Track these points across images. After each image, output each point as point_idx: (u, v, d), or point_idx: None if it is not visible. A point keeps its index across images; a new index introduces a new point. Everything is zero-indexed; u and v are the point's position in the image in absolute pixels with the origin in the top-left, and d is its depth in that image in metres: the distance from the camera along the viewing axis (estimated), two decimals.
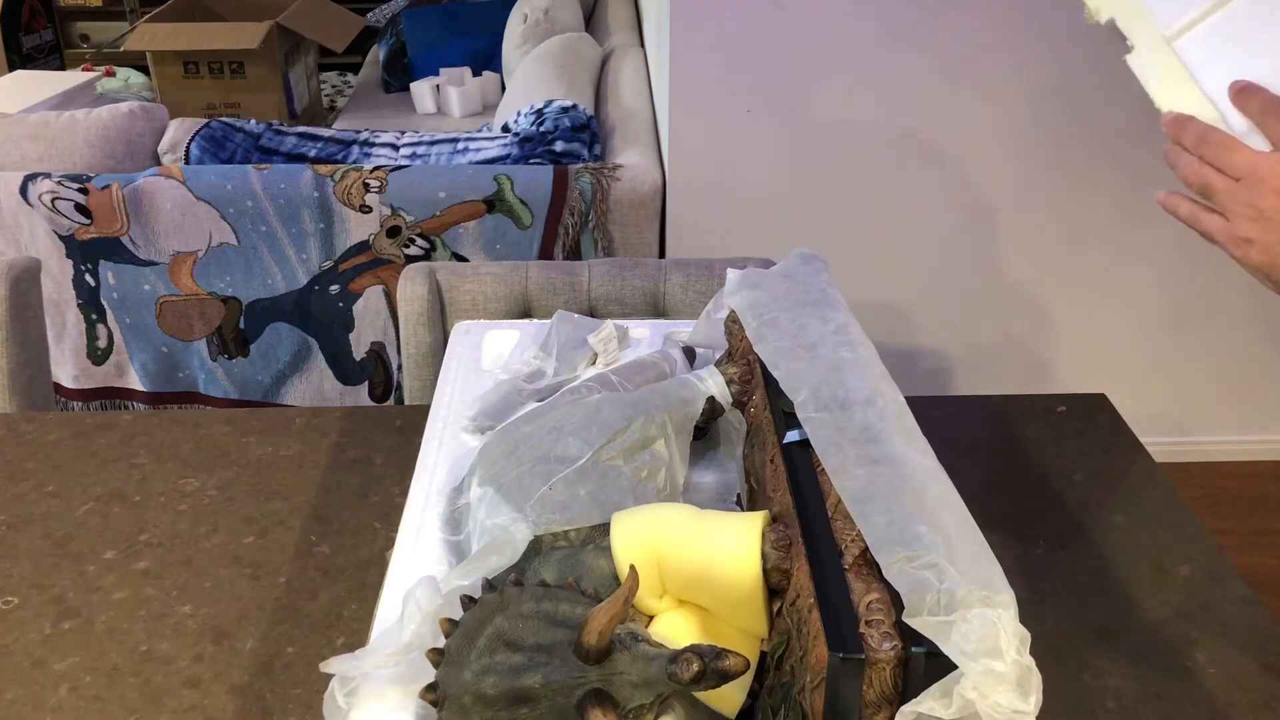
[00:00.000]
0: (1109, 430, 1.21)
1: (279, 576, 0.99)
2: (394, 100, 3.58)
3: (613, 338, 1.07)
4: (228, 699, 0.86)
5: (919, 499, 0.62)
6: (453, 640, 0.65)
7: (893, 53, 1.96)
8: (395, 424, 1.21)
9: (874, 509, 0.62)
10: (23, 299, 1.42)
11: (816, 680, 0.58)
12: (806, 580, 0.62)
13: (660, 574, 0.69)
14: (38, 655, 0.90)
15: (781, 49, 1.96)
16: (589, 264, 1.45)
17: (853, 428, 0.70)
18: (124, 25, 4.43)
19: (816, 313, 0.85)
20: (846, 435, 0.69)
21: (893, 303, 2.24)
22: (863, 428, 0.70)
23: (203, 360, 2.15)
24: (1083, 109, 2.00)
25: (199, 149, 2.17)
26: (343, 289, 2.09)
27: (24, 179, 1.97)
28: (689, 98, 2.01)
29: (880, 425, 0.70)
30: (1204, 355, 2.31)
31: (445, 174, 2.03)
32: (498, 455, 0.83)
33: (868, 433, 0.69)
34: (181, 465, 1.15)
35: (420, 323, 1.40)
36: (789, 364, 0.78)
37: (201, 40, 3.41)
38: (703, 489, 0.89)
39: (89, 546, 1.03)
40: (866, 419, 0.70)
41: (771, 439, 0.78)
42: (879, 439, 0.68)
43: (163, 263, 2.05)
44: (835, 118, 2.02)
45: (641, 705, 0.61)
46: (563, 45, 2.80)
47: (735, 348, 0.92)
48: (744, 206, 2.09)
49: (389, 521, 1.05)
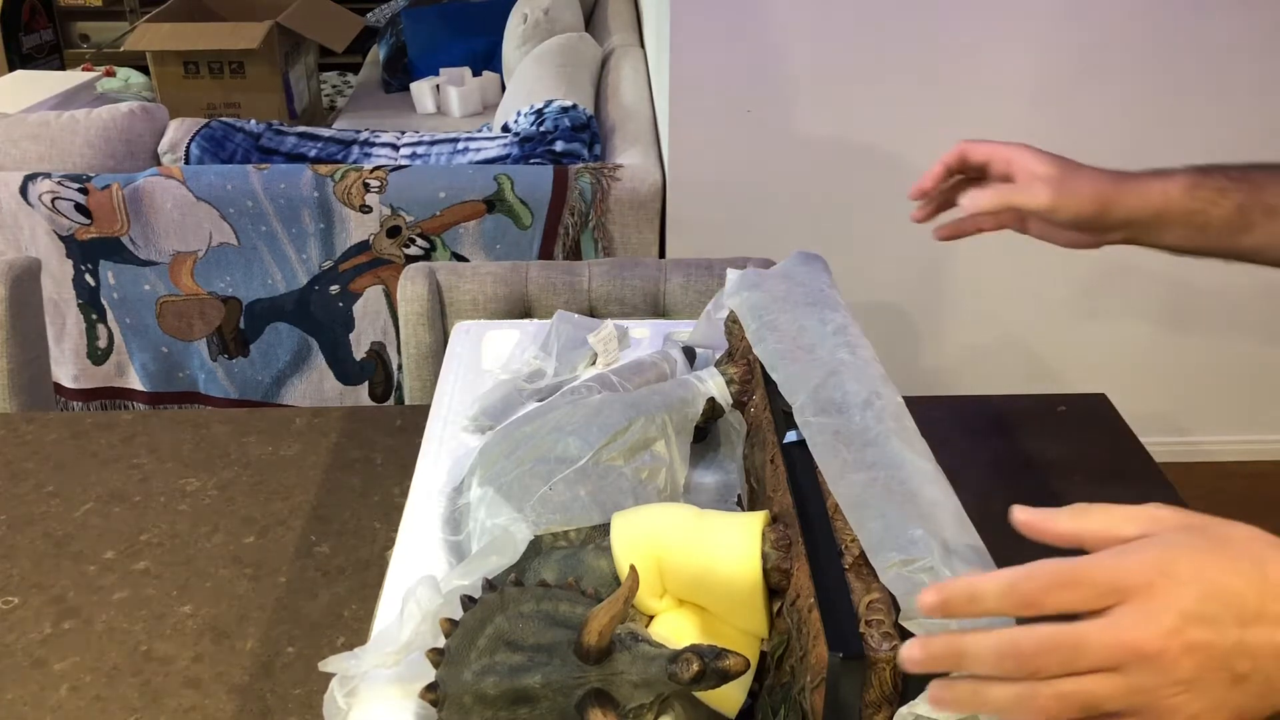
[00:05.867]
0: (1109, 430, 1.21)
1: (279, 576, 0.99)
2: (394, 100, 3.58)
3: (613, 338, 1.07)
4: (228, 699, 0.86)
5: (914, 502, 0.62)
6: (453, 640, 0.65)
7: (893, 53, 1.96)
8: (395, 424, 1.21)
9: (869, 515, 0.62)
10: (23, 299, 1.42)
11: (816, 680, 0.58)
12: (806, 580, 0.62)
13: (660, 574, 0.69)
14: (38, 655, 0.90)
15: (781, 49, 1.96)
16: (589, 264, 1.45)
17: (850, 432, 0.70)
18: (124, 25, 4.43)
19: (816, 314, 0.85)
20: (843, 440, 0.69)
21: (893, 303, 2.24)
22: (860, 431, 0.70)
23: (203, 360, 2.15)
24: (1081, 109, 2.00)
25: (199, 149, 2.16)
26: (343, 289, 2.09)
27: (24, 179, 1.97)
28: (689, 98, 2.01)
29: (877, 428, 0.70)
30: (1204, 355, 2.31)
31: (445, 174, 2.03)
32: (498, 455, 0.83)
33: (865, 436, 0.69)
34: (181, 465, 1.15)
35: (420, 323, 1.40)
36: (788, 367, 0.78)
37: (201, 40, 3.41)
38: (703, 489, 0.89)
39: (89, 546, 1.03)
40: (864, 422, 0.70)
41: (771, 439, 0.78)
42: (876, 442, 0.68)
43: (163, 263, 2.05)
44: (835, 118, 2.02)
45: (641, 705, 0.61)
46: (563, 45, 2.80)
47: (735, 347, 0.92)
48: (744, 206, 2.09)
49: (389, 521, 1.05)
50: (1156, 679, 0.48)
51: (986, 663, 0.50)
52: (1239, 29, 1.94)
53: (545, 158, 2.11)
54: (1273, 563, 0.50)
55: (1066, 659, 0.49)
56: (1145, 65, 1.97)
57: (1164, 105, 1.99)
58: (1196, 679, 0.48)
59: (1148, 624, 0.48)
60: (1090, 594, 0.50)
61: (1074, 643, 0.49)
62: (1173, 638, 0.48)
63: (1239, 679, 0.49)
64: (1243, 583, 0.49)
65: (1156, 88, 1.98)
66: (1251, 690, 0.49)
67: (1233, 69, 1.97)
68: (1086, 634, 0.49)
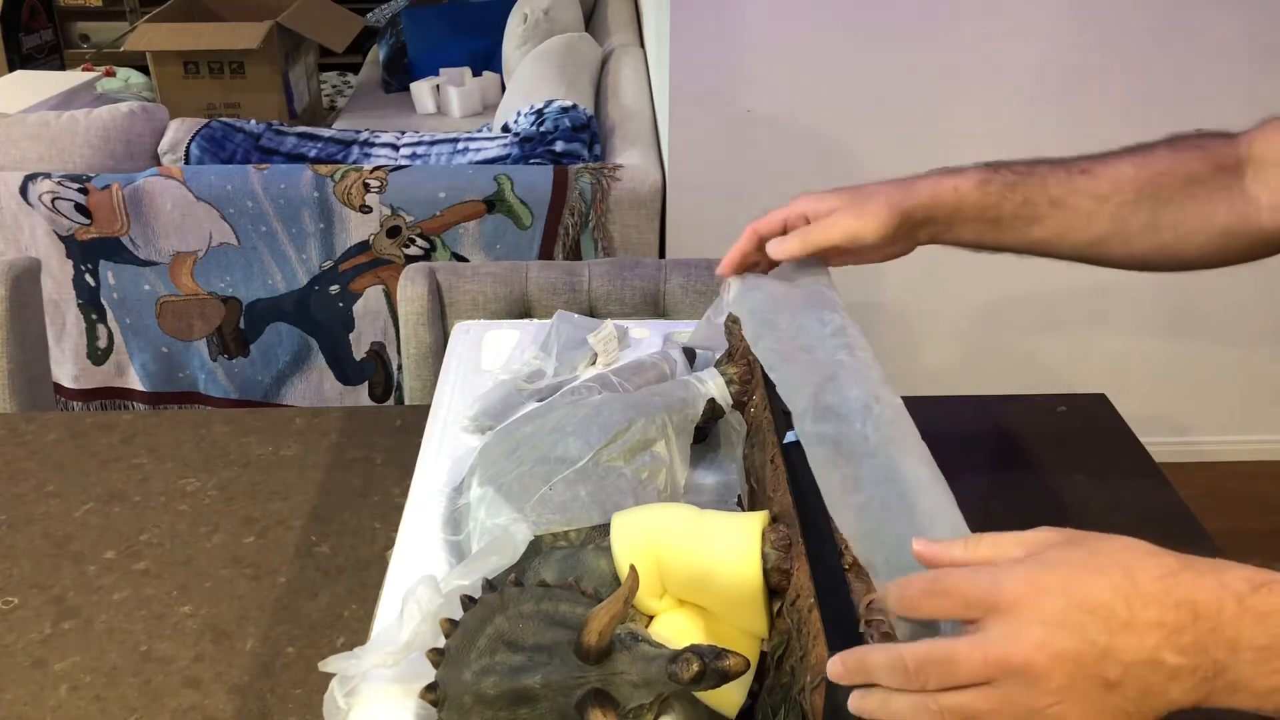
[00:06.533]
0: (1109, 430, 1.21)
1: (279, 576, 0.99)
2: (394, 100, 3.58)
3: (613, 338, 1.07)
4: (228, 699, 0.86)
5: (912, 516, 0.62)
6: (453, 640, 0.65)
7: (892, 53, 1.96)
8: (395, 424, 1.21)
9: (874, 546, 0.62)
10: (23, 299, 1.42)
11: (816, 680, 0.58)
12: (806, 580, 0.62)
13: (660, 574, 0.69)
14: (38, 655, 0.90)
15: (781, 49, 1.96)
16: (589, 264, 1.45)
17: (849, 441, 0.69)
18: (124, 25, 4.43)
19: (815, 315, 0.85)
20: (843, 453, 0.68)
21: (893, 303, 2.24)
22: (859, 441, 0.69)
23: (203, 360, 2.15)
24: (1083, 109, 2.00)
25: (199, 149, 2.16)
26: (343, 289, 2.09)
27: (24, 179, 1.97)
28: (689, 98, 2.01)
29: (876, 437, 0.69)
30: (1204, 355, 2.31)
31: (445, 174, 2.03)
32: (498, 455, 0.83)
33: (864, 447, 0.69)
34: (181, 465, 1.15)
35: (420, 323, 1.40)
36: (787, 367, 0.78)
37: (201, 40, 3.41)
38: (703, 490, 0.89)
39: (89, 546, 1.03)
40: (864, 431, 0.70)
41: (771, 439, 0.78)
42: (875, 453, 0.68)
43: (163, 263, 2.05)
44: (835, 118, 2.02)
45: (641, 705, 0.61)
46: (563, 45, 2.80)
47: (735, 347, 0.92)
48: (744, 206, 2.08)
49: (389, 521, 1.05)
50: (1030, 691, 0.49)
51: (883, 676, 0.52)
52: (1239, 29, 1.94)
53: (545, 158, 2.11)
54: (1143, 571, 0.51)
55: (944, 673, 0.50)
56: (1146, 65, 1.97)
57: (1164, 105, 1.99)
58: (1070, 687, 0.49)
59: (1015, 638, 0.49)
60: (958, 603, 0.52)
61: (946, 657, 0.50)
62: (1040, 650, 0.49)
63: (1111, 685, 0.49)
64: (1110, 592, 0.50)
65: (1157, 88, 1.98)
66: (1128, 695, 0.49)
67: (1232, 69, 1.97)
68: (956, 649, 0.51)
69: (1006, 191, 0.90)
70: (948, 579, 0.53)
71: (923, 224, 0.92)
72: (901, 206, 0.89)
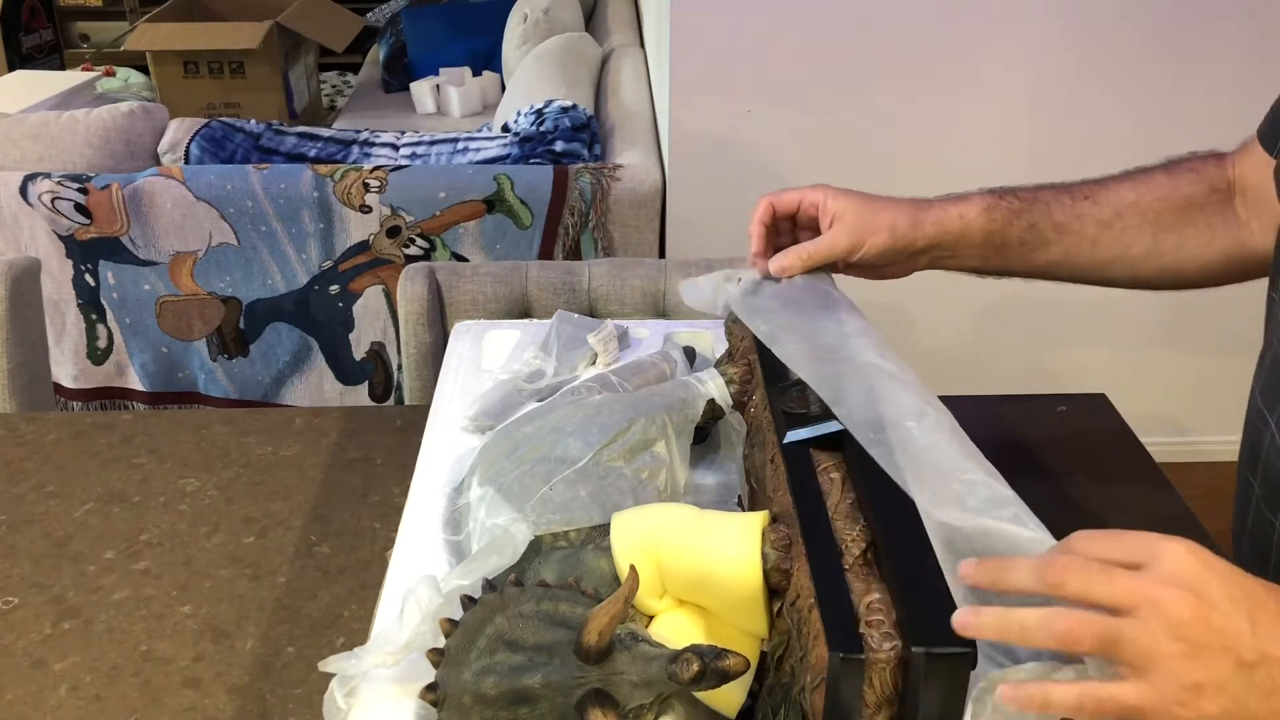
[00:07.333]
0: (1109, 430, 1.21)
1: (279, 576, 0.99)
2: (394, 100, 3.58)
3: (613, 337, 1.07)
4: (228, 699, 0.86)
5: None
6: (453, 640, 0.65)
7: (893, 53, 1.96)
8: (395, 424, 1.21)
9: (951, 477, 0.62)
10: (23, 299, 1.42)
11: (816, 680, 0.58)
12: (806, 580, 0.62)
13: (660, 574, 0.69)
14: (38, 655, 0.90)
15: (781, 49, 1.96)
16: (589, 264, 1.45)
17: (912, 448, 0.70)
18: (124, 25, 4.43)
19: (831, 316, 0.86)
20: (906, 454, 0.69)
21: (893, 303, 2.24)
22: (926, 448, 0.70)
23: (203, 360, 2.15)
24: (1084, 110, 2.00)
25: (199, 149, 2.16)
26: (343, 289, 2.09)
27: (24, 179, 1.97)
28: (689, 98, 2.01)
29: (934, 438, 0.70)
30: (1204, 355, 2.31)
31: (445, 174, 2.03)
32: (498, 455, 0.83)
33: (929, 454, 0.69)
34: (181, 465, 1.15)
35: (420, 323, 1.40)
36: (821, 368, 0.78)
37: (201, 40, 3.41)
38: (703, 490, 0.89)
39: (89, 546, 1.03)
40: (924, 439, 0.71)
41: (771, 439, 0.78)
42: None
43: (163, 263, 2.05)
44: (835, 118, 2.02)
45: (641, 705, 0.61)
46: (563, 45, 2.80)
47: (735, 347, 0.92)
48: (744, 206, 2.08)
49: (389, 521, 1.05)
50: (1166, 632, 0.49)
51: (1020, 577, 0.53)
52: (1238, 30, 1.94)
53: (545, 158, 2.11)
54: None
55: (1086, 581, 0.51)
56: (1144, 67, 1.97)
57: (1162, 108, 1.99)
58: (1205, 649, 0.49)
59: (1171, 581, 0.50)
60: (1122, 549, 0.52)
61: (1097, 569, 0.51)
62: (1192, 598, 0.49)
63: (1243, 665, 0.49)
64: (1265, 592, 0.51)
65: (1155, 90, 1.98)
66: (1255, 684, 0.49)
67: (1232, 70, 1.97)
68: (1110, 567, 0.51)
69: (1012, 218, 0.91)
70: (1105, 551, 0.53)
71: (924, 252, 0.92)
72: (903, 234, 0.90)
